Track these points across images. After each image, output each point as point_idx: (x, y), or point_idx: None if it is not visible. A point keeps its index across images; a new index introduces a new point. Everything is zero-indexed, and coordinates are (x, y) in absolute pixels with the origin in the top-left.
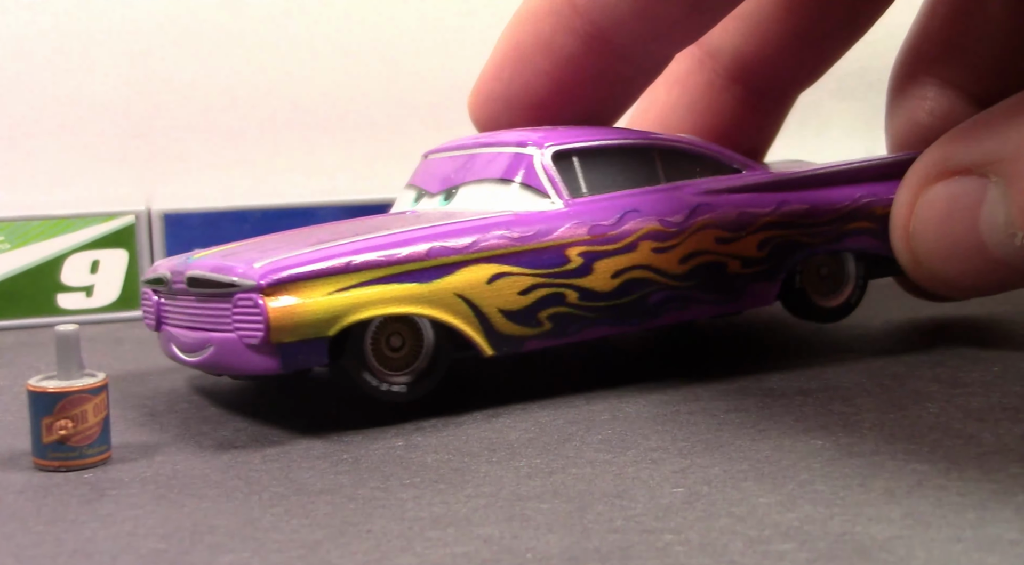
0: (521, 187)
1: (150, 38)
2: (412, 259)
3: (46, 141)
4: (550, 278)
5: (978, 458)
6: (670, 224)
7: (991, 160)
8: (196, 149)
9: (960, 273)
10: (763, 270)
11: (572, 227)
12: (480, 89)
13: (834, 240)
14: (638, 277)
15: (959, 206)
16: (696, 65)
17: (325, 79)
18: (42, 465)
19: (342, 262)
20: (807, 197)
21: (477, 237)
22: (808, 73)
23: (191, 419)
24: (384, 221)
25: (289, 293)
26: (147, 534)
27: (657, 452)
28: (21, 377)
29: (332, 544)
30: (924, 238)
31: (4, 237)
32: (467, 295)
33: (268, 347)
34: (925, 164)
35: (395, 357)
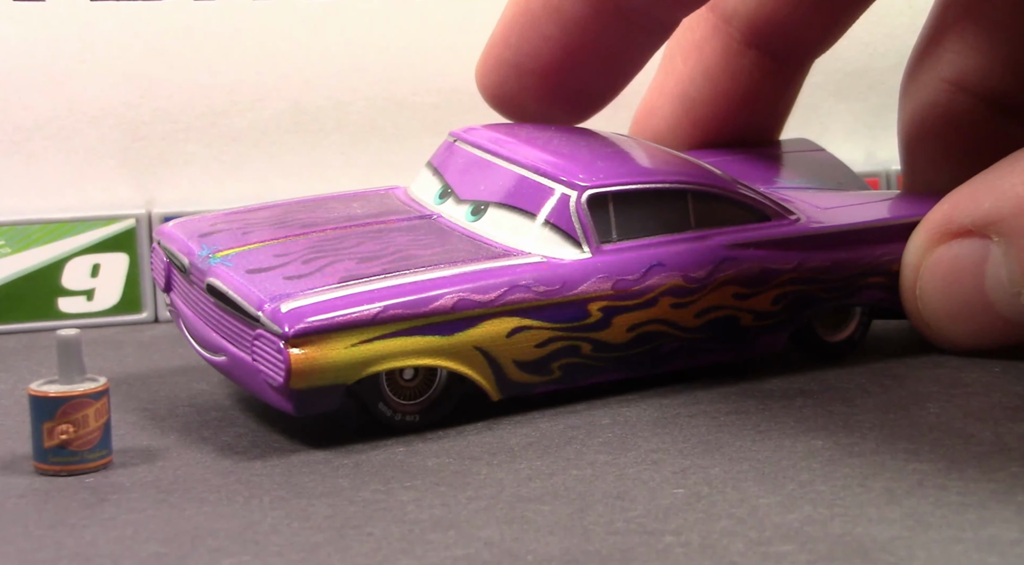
0: (552, 227)
1: (150, 42)
2: (439, 312)
3: (46, 145)
4: (568, 332)
5: (978, 458)
6: (692, 280)
7: (992, 220)
8: (196, 152)
9: (968, 333)
10: (775, 323)
11: (597, 281)
12: (488, 55)
13: (848, 295)
14: (653, 330)
15: (963, 267)
16: (711, 31)
17: (326, 82)
18: (43, 469)
19: (370, 313)
20: (830, 256)
21: (504, 290)
22: (824, 36)
23: (192, 424)
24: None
25: (313, 344)
26: (148, 538)
27: (657, 453)
28: (22, 381)
29: (332, 547)
30: (931, 300)
31: (4, 241)
32: (486, 348)
33: (286, 391)
34: (928, 226)
35: (408, 387)
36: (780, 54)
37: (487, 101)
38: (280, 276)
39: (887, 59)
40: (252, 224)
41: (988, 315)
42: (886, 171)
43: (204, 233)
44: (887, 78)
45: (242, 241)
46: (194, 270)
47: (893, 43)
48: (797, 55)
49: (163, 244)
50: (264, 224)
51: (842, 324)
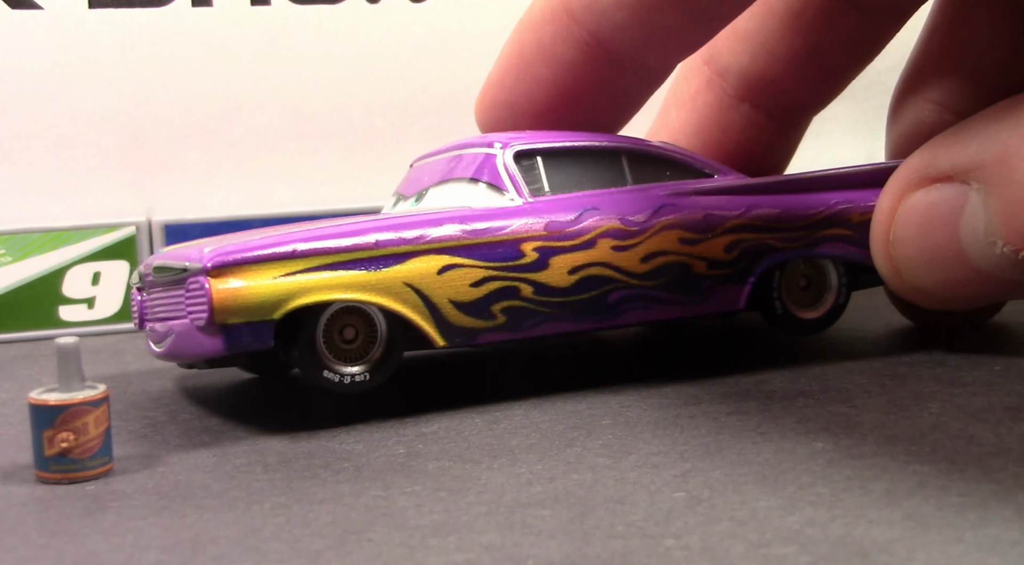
0: (485, 186)
1: (149, 49)
2: (359, 248)
3: (46, 153)
4: (503, 271)
5: (979, 458)
6: (631, 223)
7: (973, 166)
8: (196, 160)
9: (939, 283)
10: (730, 273)
11: (528, 222)
12: (485, 95)
13: (808, 246)
14: (596, 274)
15: (940, 213)
16: (705, 85)
17: (325, 88)
18: (44, 477)
19: (288, 249)
20: (778, 201)
21: (427, 229)
22: (817, 94)
23: (192, 430)
24: (347, 220)
25: (235, 276)
26: (149, 546)
27: (658, 456)
28: (23, 390)
29: (333, 553)
30: (904, 247)
31: (5, 250)
32: (416, 285)
33: (213, 328)
34: (906, 170)
35: (349, 349)
36: (773, 109)
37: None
38: (213, 242)
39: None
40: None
41: (961, 264)
42: None
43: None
44: (887, 78)
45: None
46: (145, 270)
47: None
48: (789, 112)
49: (132, 280)
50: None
51: (819, 300)
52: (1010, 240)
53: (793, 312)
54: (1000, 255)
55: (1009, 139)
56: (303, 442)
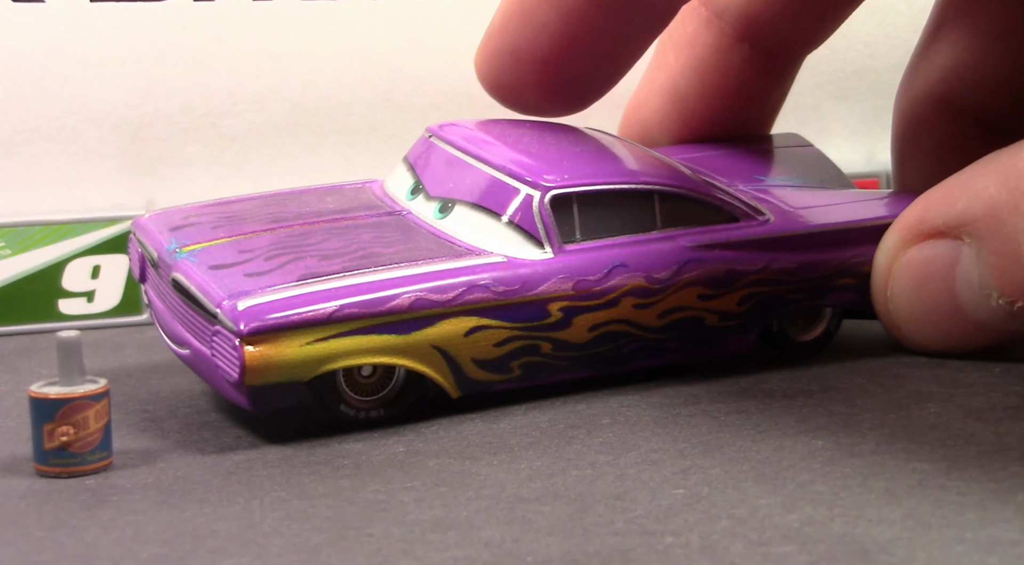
0: (516, 227)
1: (150, 43)
2: (395, 311)
3: (46, 146)
4: (528, 331)
5: (979, 458)
6: (656, 281)
7: (963, 221)
8: (197, 154)
9: (937, 336)
10: (741, 324)
11: (558, 282)
12: (486, 44)
13: (816, 296)
14: (614, 330)
15: (934, 269)
16: (703, 25)
17: (325, 83)
18: (43, 471)
19: (326, 311)
20: (797, 257)
21: (462, 290)
22: (816, 32)
23: (192, 424)
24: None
25: (268, 342)
26: (148, 540)
27: (658, 454)
28: (23, 383)
29: (333, 548)
30: (901, 302)
31: (4, 243)
32: (443, 347)
33: (242, 387)
34: (900, 227)
35: (367, 383)
36: (772, 49)
37: (486, 89)
38: (241, 273)
39: (887, 59)
40: (223, 218)
41: (958, 317)
42: (886, 171)
43: (175, 227)
44: (887, 78)
45: (209, 236)
46: (162, 264)
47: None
48: (789, 50)
49: (137, 236)
50: (235, 218)
51: (812, 323)
52: (1005, 292)
53: (789, 334)
54: (996, 307)
55: (997, 193)
56: (303, 438)
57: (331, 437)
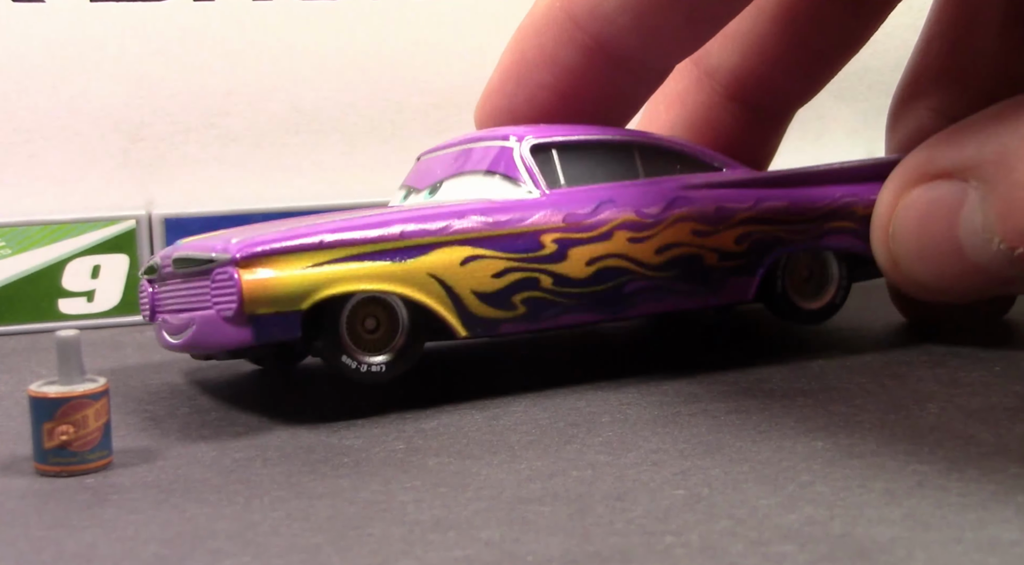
0: (501, 178)
1: (150, 43)
2: (385, 239)
3: (47, 146)
4: (524, 262)
5: (978, 458)
6: (646, 215)
7: (972, 164)
8: (197, 153)
9: (936, 277)
10: (741, 264)
11: (547, 214)
12: (485, 103)
13: (814, 238)
14: (613, 265)
15: (939, 209)
16: (695, 84)
17: (325, 83)
18: (43, 470)
19: (315, 240)
20: (786, 195)
21: (451, 220)
22: (805, 89)
23: (192, 424)
24: (368, 212)
25: (263, 266)
26: (148, 539)
27: (658, 454)
28: (23, 382)
29: (333, 548)
30: (903, 240)
31: (5, 243)
32: (440, 275)
33: (242, 318)
34: (907, 167)
35: (371, 338)
36: (762, 106)
37: None
38: (235, 233)
39: (887, 59)
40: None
41: (958, 259)
42: None
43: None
44: (887, 78)
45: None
46: (163, 261)
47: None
48: (779, 108)
49: (143, 269)
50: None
51: (819, 292)
52: (1006, 237)
53: (793, 299)
54: (996, 252)
55: (1008, 139)
56: (303, 437)
57: (331, 435)
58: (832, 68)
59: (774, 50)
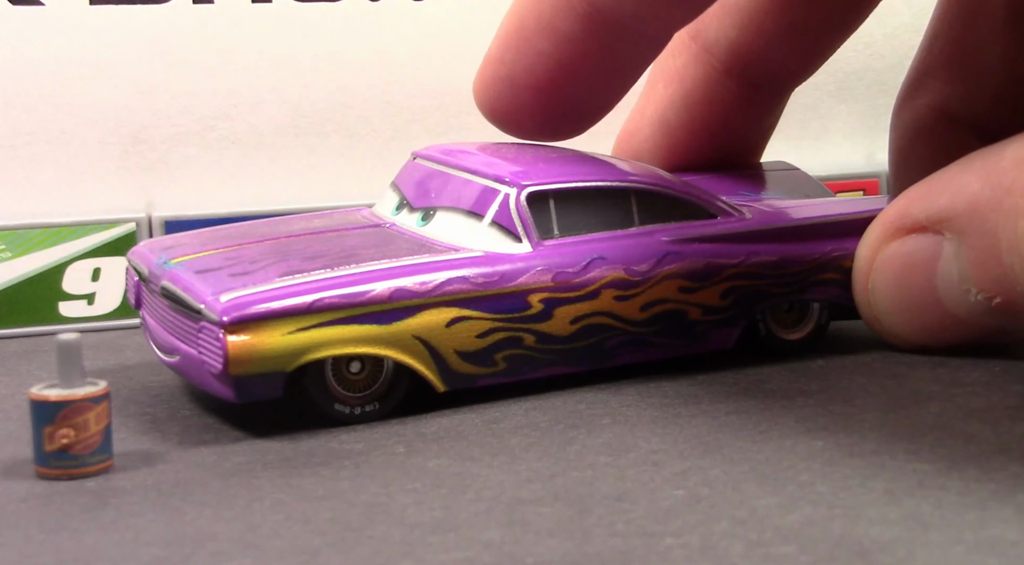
0: (495, 225)
1: (149, 45)
2: (375, 302)
3: (46, 149)
4: (509, 322)
5: (979, 458)
6: (635, 273)
7: (944, 216)
8: (197, 156)
9: (917, 330)
10: (725, 318)
11: (537, 274)
12: (484, 72)
13: (800, 290)
14: (597, 323)
15: (916, 263)
16: (692, 59)
17: (324, 84)
18: (44, 474)
19: (306, 302)
20: (777, 249)
21: (442, 281)
22: (804, 66)
23: (192, 427)
24: (361, 240)
25: (250, 331)
26: (149, 542)
27: (658, 455)
28: (23, 385)
29: (333, 550)
30: (882, 295)
31: (5, 246)
32: (425, 337)
33: (226, 378)
34: (883, 221)
35: (356, 379)
36: (760, 83)
37: (485, 116)
38: (226, 274)
39: (887, 59)
40: (214, 237)
41: (938, 312)
42: (886, 171)
43: (167, 247)
44: (887, 78)
45: (198, 250)
46: (152, 278)
47: (893, 43)
48: (777, 84)
49: (132, 262)
50: (225, 237)
51: (800, 322)
52: (983, 288)
53: (777, 334)
54: (975, 303)
55: (979, 190)
56: (303, 440)
57: (331, 439)
58: (832, 44)
59: (772, 24)
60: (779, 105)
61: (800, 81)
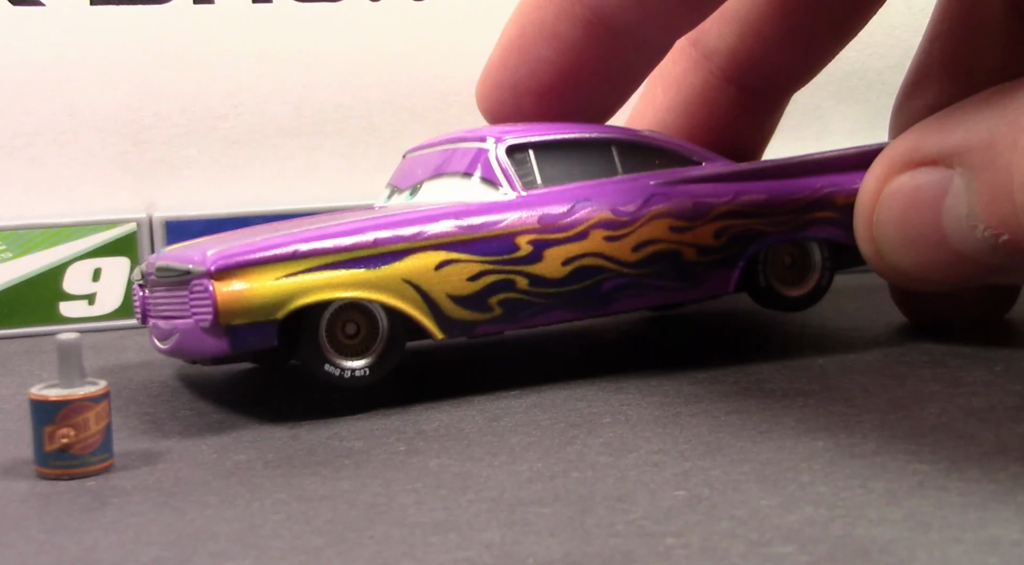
0: (478, 180)
1: (150, 46)
2: (359, 247)
3: (47, 150)
4: (499, 265)
5: (979, 458)
6: (622, 213)
7: (958, 151)
8: (197, 156)
9: (920, 265)
10: (720, 258)
11: (522, 216)
12: (486, 77)
13: (795, 229)
14: (589, 264)
15: (923, 196)
16: (692, 66)
17: (325, 85)
18: (44, 473)
19: (289, 250)
20: (765, 187)
21: (425, 225)
22: (803, 72)
23: (193, 426)
24: (349, 216)
25: (238, 278)
26: (149, 542)
27: (658, 455)
28: (24, 385)
29: (333, 550)
30: (887, 228)
31: (6, 246)
32: (415, 281)
33: (218, 329)
34: (892, 154)
35: (351, 344)
36: (759, 89)
37: (486, 120)
38: (214, 242)
39: (887, 59)
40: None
41: (943, 247)
42: None
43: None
44: (887, 78)
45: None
46: (148, 268)
47: (893, 43)
48: (776, 89)
49: (134, 279)
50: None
51: (802, 279)
52: (991, 224)
53: (777, 289)
54: (981, 239)
55: (995, 126)
56: (304, 439)
57: (332, 437)
58: (830, 51)
59: (771, 31)
60: (778, 110)
61: (799, 86)
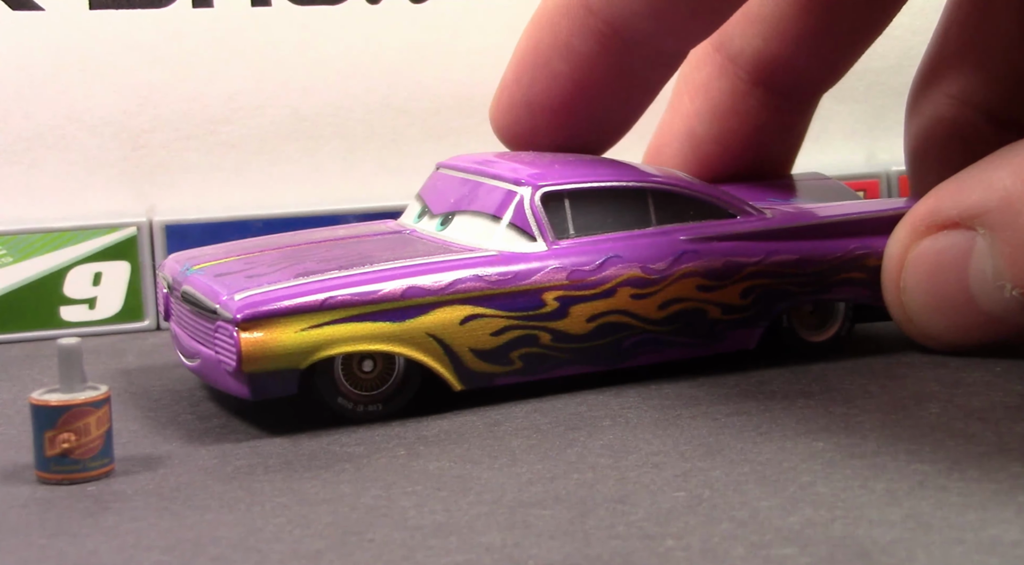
0: (509, 226)
1: (150, 50)
2: (387, 299)
3: (47, 154)
4: (524, 321)
5: (980, 458)
6: (652, 271)
7: (976, 212)
8: (197, 160)
9: (950, 328)
10: (745, 317)
11: (551, 271)
12: (501, 96)
13: (822, 290)
14: (613, 321)
15: (948, 260)
16: (718, 71)
17: (324, 88)
18: (45, 478)
19: (318, 299)
20: (797, 247)
21: (454, 279)
22: (829, 72)
23: (194, 431)
24: (378, 244)
25: (263, 328)
26: (150, 547)
27: (659, 456)
28: (24, 390)
29: (334, 553)
30: (915, 293)
31: (6, 250)
32: (439, 335)
33: (241, 375)
34: (914, 218)
35: (367, 378)
36: (786, 92)
37: (502, 141)
38: (243, 276)
39: (887, 59)
40: (236, 247)
41: (971, 309)
42: (886, 172)
43: (192, 257)
44: (887, 79)
45: (220, 257)
46: (175, 285)
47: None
48: (804, 92)
49: (161, 274)
50: (247, 246)
51: (824, 324)
52: (1018, 283)
53: (800, 334)
54: (1009, 298)
55: (1012, 184)
56: (304, 444)
57: (332, 442)
58: (857, 48)
59: (796, 32)
60: (807, 113)
61: (827, 87)
